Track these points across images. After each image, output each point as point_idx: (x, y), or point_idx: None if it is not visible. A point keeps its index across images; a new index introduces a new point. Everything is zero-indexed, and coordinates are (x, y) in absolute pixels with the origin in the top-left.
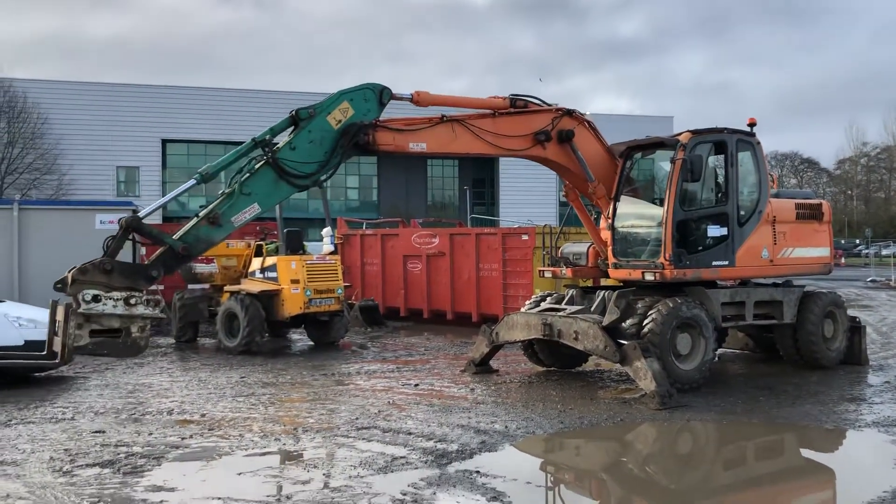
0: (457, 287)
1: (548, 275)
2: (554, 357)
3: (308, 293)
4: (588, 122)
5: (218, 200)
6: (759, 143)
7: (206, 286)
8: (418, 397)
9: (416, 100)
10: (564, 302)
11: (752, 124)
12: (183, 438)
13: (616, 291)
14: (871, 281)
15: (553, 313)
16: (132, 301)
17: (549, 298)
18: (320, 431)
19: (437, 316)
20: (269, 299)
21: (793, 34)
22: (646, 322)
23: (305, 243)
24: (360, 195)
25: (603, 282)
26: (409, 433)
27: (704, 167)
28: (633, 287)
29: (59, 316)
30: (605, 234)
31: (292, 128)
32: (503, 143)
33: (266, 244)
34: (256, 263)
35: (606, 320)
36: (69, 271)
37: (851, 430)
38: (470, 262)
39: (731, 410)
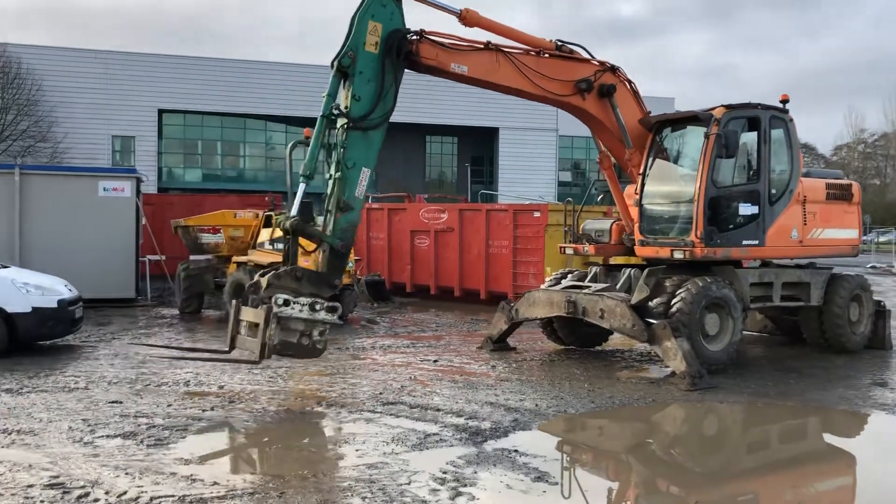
0: (465, 263)
1: (569, 251)
2: (574, 335)
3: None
4: (631, 83)
5: (332, 188)
6: (791, 120)
7: (210, 256)
8: (440, 373)
9: (464, 16)
10: (588, 279)
11: (784, 101)
12: (204, 411)
13: (646, 269)
14: (871, 267)
15: (577, 290)
16: (316, 307)
17: (569, 276)
18: (345, 406)
19: (444, 292)
20: None
21: (795, 19)
22: (674, 301)
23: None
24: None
25: (623, 259)
26: (438, 409)
27: (739, 143)
28: (662, 265)
29: (249, 316)
30: (634, 211)
31: (343, 80)
32: (545, 84)
33: (276, 215)
34: (266, 234)
35: (635, 298)
36: (261, 275)
37: (890, 415)
38: (479, 239)
39: (763, 393)
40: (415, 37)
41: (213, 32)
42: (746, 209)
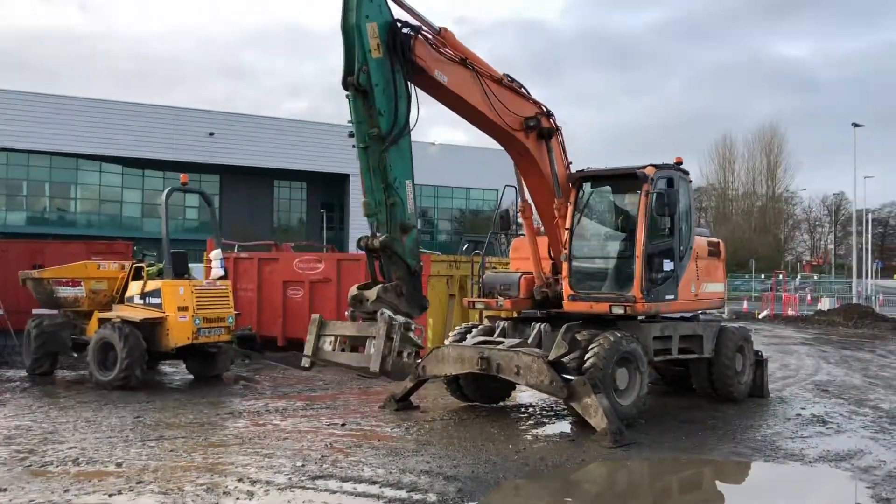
0: (343, 315)
1: (479, 306)
2: (480, 392)
3: (197, 321)
4: (561, 131)
5: (385, 213)
6: (691, 181)
7: (56, 312)
8: (355, 439)
9: (443, 35)
10: (496, 334)
11: (679, 163)
12: (111, 496)
13: (564, 325)
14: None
15: (489, 346)
16: (412, 327)
17: (474, 330)
18: (271, 483)
19: None
20: (151, 328)
21: (618, 78)
22: (588, 356)
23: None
24: (200, 215)
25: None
26: (374, 482)
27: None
28: (579, 321)
29: (346, 330)
30: (548, 264)
31: (363, 98)
32: (502, 114)
33: (147, 266)
34: (135, 288)
35: (553, 354)
36: (362, 288)
37: (804, 465)
38: None
39: (682, 447)
40: (410, 31)
41: (33, 67)
42: (668, 265)
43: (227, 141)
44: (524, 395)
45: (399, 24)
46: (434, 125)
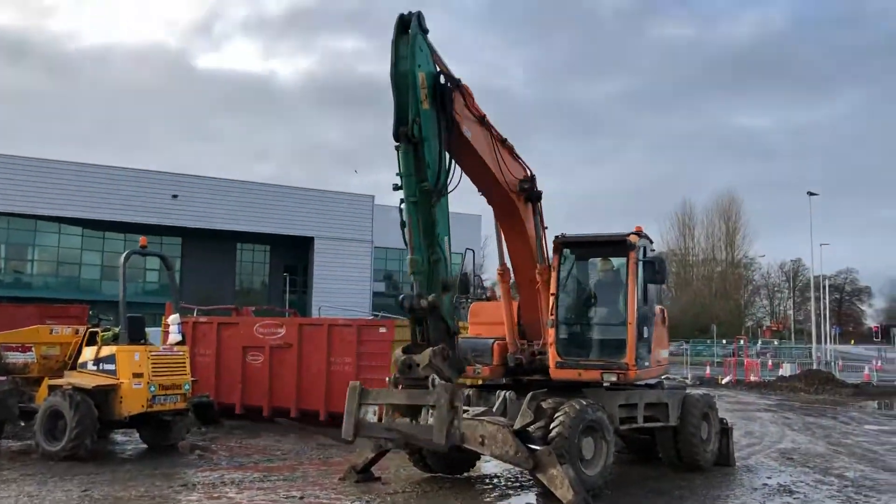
0: (304, 382)
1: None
2: (443, 462)
3: (152, 388)
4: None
5: (429, 270)
6: (654, 249)
7: (4, 378)
8: None
9: (466, 92)
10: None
11: (639, 232)
12: None
13: (529, 393)
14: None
15: None
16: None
17: None
18: None
19: (279, 413)
20: (104, 395)
21: (579, 147)
22: (553, 426)
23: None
24: (160, 277)
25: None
26: None
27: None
28: (544, 388)
29: (399, 398)
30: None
31: (414, 150)
32: (506, 174)
33: (101, 331)
34: (89, 353)
35: (518, 423)
36: (407, 351)
37: None
38: (320, 355)
39: None
40: (450, 84)
41: None
42: (646, 332)
43: (191, 203)
44: (488, 466)
45: (448, 81)
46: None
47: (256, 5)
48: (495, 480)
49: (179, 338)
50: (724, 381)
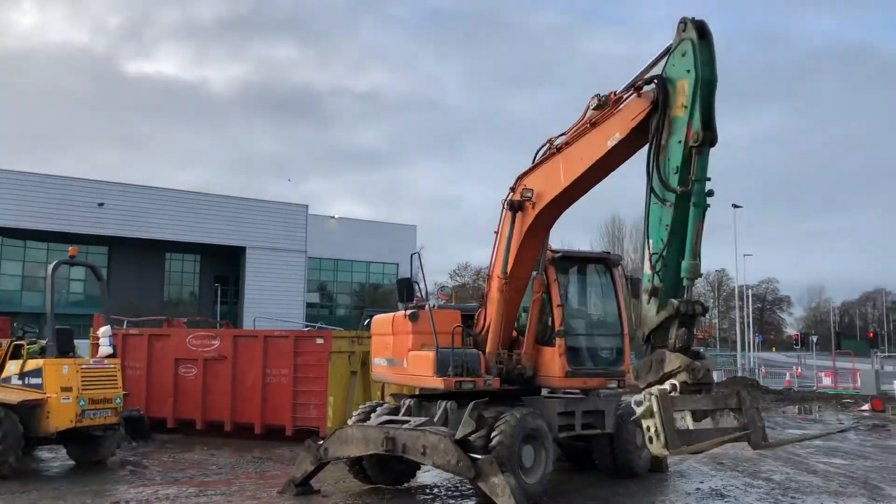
0: (238, 394)
1: (468, 385)
2: (384, 473)
3: (82, 403)
4: None
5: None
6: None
7: None
8: None
9: None
10: (402, 413)
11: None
12: None
13: (472, 402)
14: None
15: (395, 426)
16: None
17: (379, 409)
18: None
19: (212, 427)
20: (30, 411)
21: (517, 159)
22: (494, 434)
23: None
24: (86, 288)
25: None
26: None
27: None
28: (485, 398)
29: (703, 404)
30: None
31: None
32: None
33: (27, 344)
34: (13, 367)
35: (460, 433)
36: (681, 356)
37: None
38: (256, 367)
39: None
40: None
41: None
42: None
43: (118, 212)
44: (428, 476)
45: None
46: (335, 198)
47: (188, 12)
48: (436, 490)
49: (110, 350)
50: None
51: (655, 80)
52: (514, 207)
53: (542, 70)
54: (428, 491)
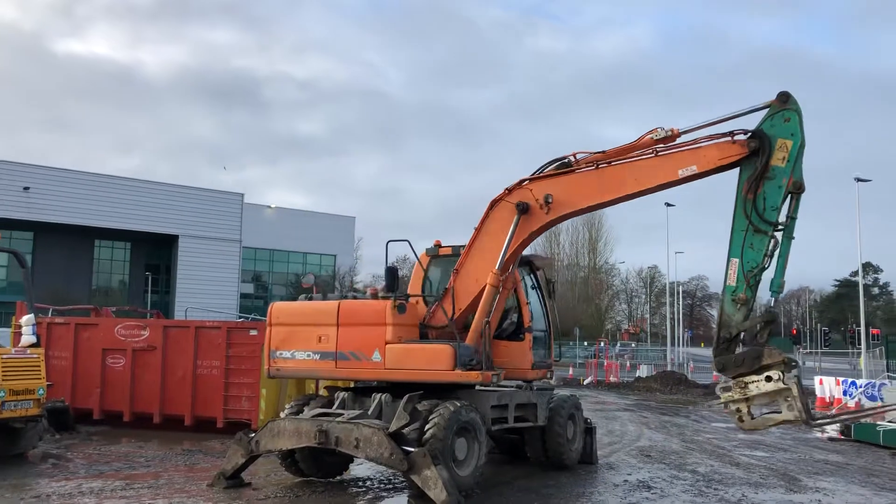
0: (168, 386)
1: (495, 378)
2: (316, 466)
3: (2, 394)
4: None
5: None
6: None
7: None
8: None
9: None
10: (336, 406)
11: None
12: None
13: (406, 395)
14: None
15: (328, 419)
16: None
17: (312, 402)
18: None
19: (141, 419)
20: None
21: (455, 151)
22: (427, 427)
23: None
24: (8, 275)
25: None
26: None
27: None
28: (420, 391)
29: (768, 387)
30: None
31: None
32: None
33: None
34: None
35: (393, 426)
36: (756, 346)
37: None
38: (187, 359)
39: None
40: None
41: None
42: None
43: (44, 196)
44: (361, 468)
45: None
46: (272, 187)
47: None
48: (368, 483)
49: (33, 339)
50: (586, 382)
51: (758, 135)
52: (523, 209)
53: (487, 65)
54: (360, 484)
